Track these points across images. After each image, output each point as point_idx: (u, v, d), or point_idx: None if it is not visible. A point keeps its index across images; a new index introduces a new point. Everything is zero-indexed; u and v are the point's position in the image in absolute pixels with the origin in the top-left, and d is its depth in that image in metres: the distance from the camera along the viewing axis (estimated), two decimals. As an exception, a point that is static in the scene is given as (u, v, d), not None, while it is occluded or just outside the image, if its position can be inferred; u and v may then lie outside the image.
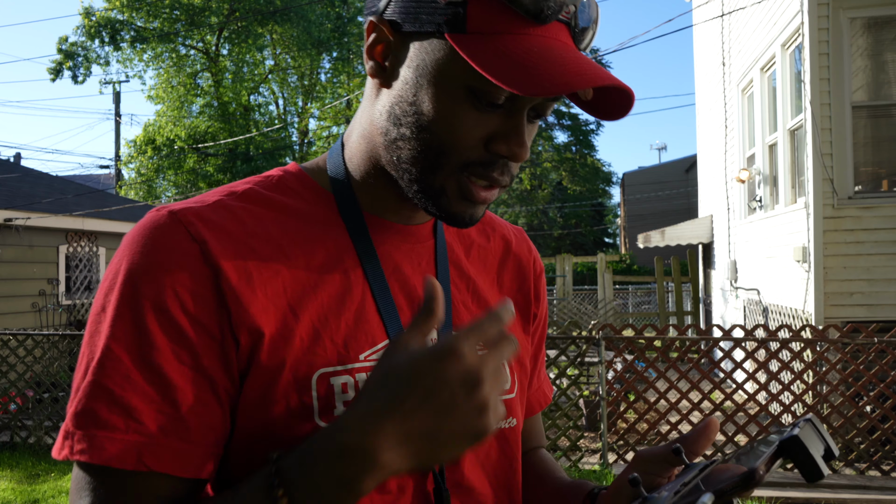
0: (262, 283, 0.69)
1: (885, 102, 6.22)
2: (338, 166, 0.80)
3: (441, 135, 0.69)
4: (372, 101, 0.76)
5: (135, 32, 23.82)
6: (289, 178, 0.79)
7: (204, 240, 0.68)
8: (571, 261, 16.02)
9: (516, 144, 0.70)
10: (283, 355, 0.69)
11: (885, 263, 5.87)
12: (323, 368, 0.70)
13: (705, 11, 10.76)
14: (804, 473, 0.58)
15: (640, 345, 5.92)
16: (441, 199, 0.73)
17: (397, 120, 0.72)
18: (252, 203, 0.74)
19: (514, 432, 0.87)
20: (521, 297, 0.93)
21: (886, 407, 5.37)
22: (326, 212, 0.77)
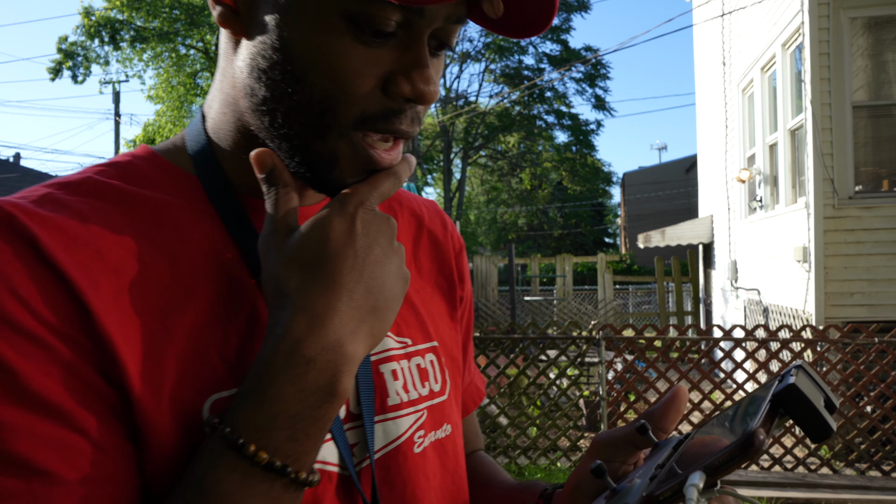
0: (113, 294, 0.53)
1: (886, 102, 6.21)
2: (200, 143, 0.65)
3: (322, 84, 0.55)
4: (230, 57, 0.61)
5: (134, 32, 23.81)
6: (139, 164, 0.63)
7: (34, 236, 0.52)
8: (571, 261, 16.02)
9: (421, 80, 0.56)
10: (160, 382, 0.53)
11: (886, 263, 5.86)
12: (217, 393, 0.56)
13: (705, 11, 10.75)
14: (808, 430, 0.47)
15: (641, 345, 5.92)
16: (333, 171, 0.59)
17: (262, 74, 0.57)
18: (92, 196, 0.58)
19: (453, 441, 0.74)
20: (443, 279, 0.80)
21: (887, 407, 5.37)
22: (192, 199, 0.62)
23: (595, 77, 29.62)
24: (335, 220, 0.56)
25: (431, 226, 0.82)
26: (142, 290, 0.55)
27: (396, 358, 0.70)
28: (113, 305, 0.53)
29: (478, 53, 28.42)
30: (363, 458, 0.64)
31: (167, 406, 0.53)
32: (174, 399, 0.54)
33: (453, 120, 27.68)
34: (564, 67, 27.57)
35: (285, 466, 0.51)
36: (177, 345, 0.55)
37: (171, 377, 0.54)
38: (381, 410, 0.66)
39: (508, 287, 12.08)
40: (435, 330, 0.76)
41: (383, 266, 0.57)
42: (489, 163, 34.15)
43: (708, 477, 0.46)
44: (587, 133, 31.06)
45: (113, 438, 0.52)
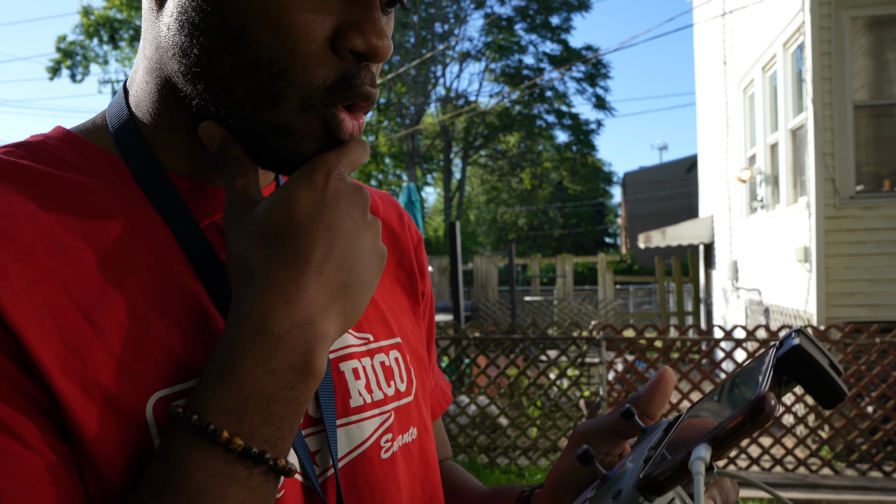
0: (26, 281, 0.47)
1: (887, 102, 6.19)
2: (122, 119, 0.57)
3: (267, 40, 0.50)
4: (154, 16, 0.54)
5: (133, 31, 23.80)
6: (53, 144, 0.56)
7: None
8: (572, 261, 16.01)
9: (374, 33, 0.52)
10: (87, 381, 0.47)
11: (887, 263, 5.85)
12: (161, 390, 0.50)
13: (706, 10, 10.74)
14: (819, 395, 0.42)
15: (641, 345, 5.90)
16: (285, 141, 0.53)
17: (195, 29, 0.51)
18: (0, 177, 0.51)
19: (420, 444, 0.69)
20: (402, 272, 0.75)
21: (888, 408, 5.35)
22: (116, 182, 0.55)
23: (595, 76, 29.62)
24: (302, 191, 0.51)
25: (387, 217, 0.77)
26: (61, 277, 0.49)
27: (357, 355, 0.64)
28: (25, 295, 0.46)
29: (478, 53, 28.42)
30: (326, 466, 0.59)
31: (102, 406, 0.47)
32: (110, 398, 0.48)
33: (453, 120, 27.68)
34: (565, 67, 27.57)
35: (263, 452, 0.46)
36: (106, 339, 0.49)
37: (104, 375, 0.48)
38: (342, 413, 0.61)
39: (508, 287, 12.07)
40: (398, 325, 0.71)
41: (355, 240, 0.53)
42: (489, 163, 34.14)
43: (714, 450, 0.41)
44: (587, 133, 31.07)
45: (45, 439, 0.46)
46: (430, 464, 0.70)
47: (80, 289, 0.49)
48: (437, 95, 28.83)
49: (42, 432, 0.46)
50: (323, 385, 0.60)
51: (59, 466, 0.46)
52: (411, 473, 0.67)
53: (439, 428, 0.84)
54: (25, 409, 0.46)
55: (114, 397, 0.48)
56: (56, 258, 0.49)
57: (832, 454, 5.43)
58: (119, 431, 0.48)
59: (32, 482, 0.45)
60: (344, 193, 0.53)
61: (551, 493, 0.61)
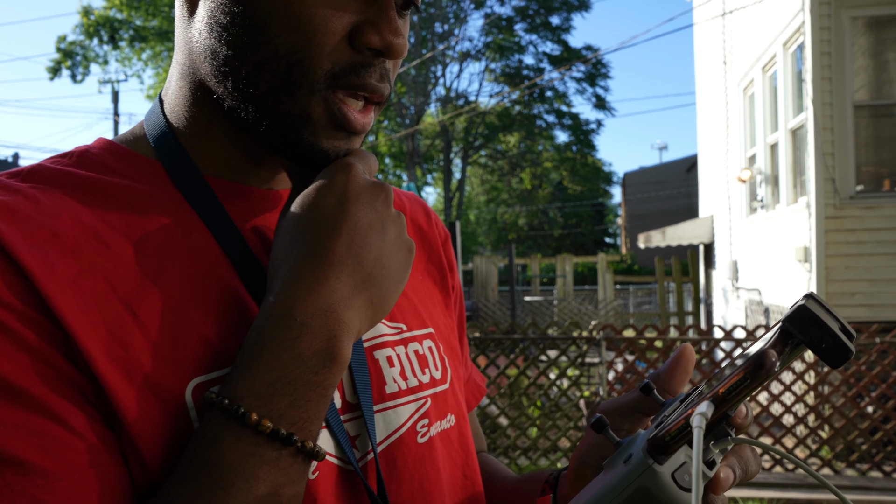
0: (72, 276, 0.50)
1: (887, 102, 6.20)
2: (158, 126, 0.61)
3: (287, 35, 0.53)
4: (186, 23, 0.59)
5: (133, 31, 23.81)
6: (95, 152, 0.60)
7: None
8: (572, 261, 16.01)
9: (389, 31, 0.55)
10: (130, 368, 0.50)
11: (887, 263, 5.85)
12: (199, 377, 0.52)
13: (706, 10, 10.74)
14: (825, 353, 0.41)
15: (641, 345, 5.90)
16: (304, 132, 0.56)
17: (223, 31, 0.54)
18: (46, 183, 0.55)
19: (459, 432, 0.71)
20: (433, 266, 0.78)
21: (888, 408, 5.35)
22: (155, 185, 0.59)
23: (595, 76, 29.61)
24: (323, 187, 0.55)
25: (414, 215, 0.79)
26: (105, 272, 0.52)
27: (391, 344, 0.67)
28: (71, 289, 0.50)
29: (478, 53, 28.41)
30: (366, 450, 0.61)
31: (143, 392, 0.50)
32: (151, 384, 0.50)
33: (453, 120, 27.68)
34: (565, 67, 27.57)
35: (291, 434, 0.48)
36: (147, 329, 0.52)
37: (145, 362, 0.51)
38: (378, 399, 0.63)
39: (508, 287, 12.07)
40: (430, 316, 0.73)
41: (379, 233, 0.55)
42: (489, 163, 34.14)
43: (717, 407, 0.42)
44: (587, 133, 31.06)
45: (90, 424, 0.48)
46: (469, 450, 0.72)
47: (122, 282, 0.52)
48: (437, 95, 28.83)
49: (87, 419, 0.48)
50: (359, 372, 0.62)
51: (103, 451, 0.49)
52: (451, 459, 0.69)
53: (474, 420, 0.86)
54: (71, 396, 0.48)
55: (155, 383, 0.51)
56: (99, 254, 0.53)
57: (832, 454, 5.43)
58: (160, 415, 0.50)
59: (77, 465, 0.47)
60: (364, 189, 0.56)
61: (576, 472, 0.63)
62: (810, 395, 5.69)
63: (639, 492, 0.43)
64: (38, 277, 0.49)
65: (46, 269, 0.50)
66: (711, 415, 0.42)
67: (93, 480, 0.47)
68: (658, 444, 0.44)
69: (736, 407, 0.43)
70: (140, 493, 0.50)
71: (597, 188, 34.89)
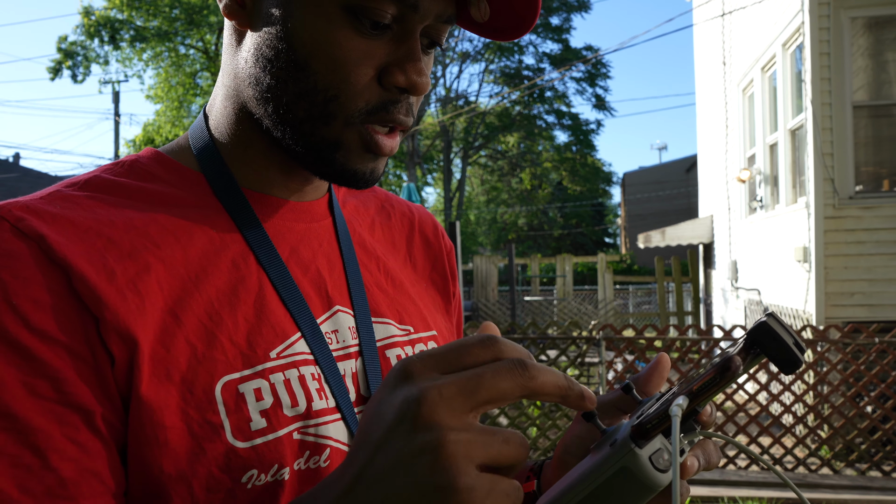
0: (130, 279, 0.56)
1: (886, 102, 6.20)
2: (203, 140, 0.67)
3: (325, 73, 0.59)
4: (234, 50, 0.65)
5: (134, 32, 23.81)
6: (145, 162, 0.65)
7: (41, 234, 0.54)
8: (572, 261, 16.01)
9: (414, 72, 0.60)
10: (169, 367, 0.55)
11: (886, 263, 5.86)
12: (227, 375, 0.57)
13: (706, 11, 10.75)
14: (779, 362, 0.51)
15: (641, 345, 5.91)
16: (336, 154, 0.62)
17: (268, 63, 0.61)
18: (101, 192, 0.61)
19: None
20: (437, 275, 0.83)
21: (887, 407, 5.36)
22: (198, 194, 0.65)
23: (595, 76, 29.62)
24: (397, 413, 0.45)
25: (422, 227, 0.85)
26: (156, 273, 0.58)
27: (401, 344, 0.72)
28: (131, 291, 0.56)
29: (478, 53, 28.41)
30: None
31: (177, 387, 0.55)
32: (185, 380, 0.56)
33: (453, 120, 27.68)
34: (565, 67, 27.57)
35: None
36: (187, 330, 0.57)
37: (182, 361, 0.56)
38: None
39: (508, 287, 12.08)
40: (433, 320, 0.78)
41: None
42: (489, 163, 34.14)
43: (690, 401, 0.51)
44: (587, 133, 31.06)
45: (78, 457, 0.52)
46: None
47: (168, 285, 0.58)
48: (437, 96, 28.83)
49: (78, 450, 0.52)
50: (372, 368, 0.68)
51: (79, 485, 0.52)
52: None
53: None
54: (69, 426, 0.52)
55: (188, 380, 0.56)
56: (152, 254, 0.58)
57: (831, 454, 5.44)
58: (192, 410, 0.56)
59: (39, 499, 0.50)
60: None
61: (560, 459, 0.66)
62: (809, 395, 5.70)
63: (621, 471, 0.51)
64: (96, 285, 0.54)
65: (107, 276, 0.55)
66: (686, 406, 0.51)
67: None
68: (640, 430, 0.51)
69: (705, 403, 0.52)
70: (163, 479, 0.54)
71: (596, 188, 34.88)
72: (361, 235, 0.76)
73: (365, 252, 0.75)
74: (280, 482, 0.58)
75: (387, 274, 0.75)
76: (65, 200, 0.58)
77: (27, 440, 0.50)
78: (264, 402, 0.58)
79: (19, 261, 0.53)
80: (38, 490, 0.50)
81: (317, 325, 0.64)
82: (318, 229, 0.71)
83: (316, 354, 0.63)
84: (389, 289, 0.74)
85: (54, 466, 0.50)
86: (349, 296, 0.69)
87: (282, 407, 0.59)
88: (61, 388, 0.52)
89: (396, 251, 0.80)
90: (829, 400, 5.50)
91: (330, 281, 0.68)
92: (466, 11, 0.63)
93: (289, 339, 0.62)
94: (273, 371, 0.60)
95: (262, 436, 0.57)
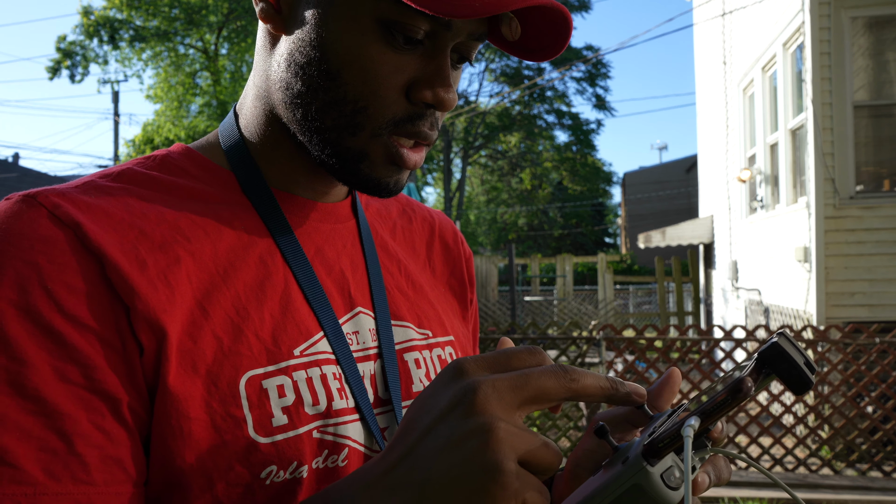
0: (161, 270, 0.57)
1: (887, 102, 6.20)
2: (233, 138, 0.69)
3: (355, 84, 0.60)
4: (267, 52, 0.65)
5: (133, 31, 23.81)
6: (176, 157, 0.67)
7: (77, 222, 0.55)
8: (572, 261, 16.01)
9: (442, 88, 0.61)
10: (196, 359, 0.56)
11: (887, 263, 5.85)
12: (251, 370, 0.58)
13: (706, 11, 10.74)
14: (791, 384, 0.52)
15: (641, 345, 5.90)
16: (361, 165, 0.63)
17: (300, 69, 0.61)
18: (133, 184, 0.62)
19: None
20: (455, 281, 0.85)
21: (888, 407, 5.35)
22: (227, 191, 0.66)
23: (596, 76, 29.62)
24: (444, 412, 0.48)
25: (443, 233, 0.86)
26: (186, 266, 0.59)
27: (419, 348, 0.73)
28: (161, 282, 0.57)
29: (478, 53, 28.42)
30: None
31: (202, 380, 0.56)
32: (210, 373, 0.57)
33: (453, 120, 27.67)
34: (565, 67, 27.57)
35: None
36: (214, 323, 0.58)
37: (209, 353, 0.57)
38: (406, 396, 0.69)
39: (508, 287, 12.08)
40: (451, 326, 0.80)
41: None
42: (489, 163, 34.14)
43: (702, 421, 0.51)
44: (587, 133, 31.07)
45: (102, 443, 0.53)
46: None
47: (197, 278, 0.59)
48: (436, 95, 28.81)
49: (103, 437, 0.53)
50: (391, 371, 0.69)
51: (101, 470, 0.52)
52: None
53: None
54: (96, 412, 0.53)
55: (214, 373, 0.57)
56: (182, 247, 0.60)
57: (832, 454, 5.43)
58: (216, 403, 0.56)
59: (64, 483, 0.51)
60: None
61: (572, 472, 0.66)
62: (810, 395, 5.70)
63: (633, 488, 0.52)
64: (129, 275, 0.55)
65: (139, 266, 0.56)
66: (699, 426, 0.51)
67: (78, 500, 0.51)
68: (652, 448, 0.52)
69: (716, 423, 0.53)
70: (185, 470, 0.55)
71: (596, 188, 34.88)
72: (384, 238, 0.77)
73: (387, 255, 0.76)
74: (298, 480, 0.59)
75: (407, 277, 0.77)
76: (99, 190, 0.60)
77: (54, 424, 0.51)
78: (286, 398, 0.59)
79: (55, 247, 0.54)
80: (62, 475, 0.50)
81: (339, 325, 0.66)
82: (343, 230, 0.72)
83: (337, 354, 0.64)
84: (410, 292, 0.76)
85: (79, 452, 0.51)
86: (371, 298, 0.71)
87: (303, 405, 0.60)
88: (90, 375, 0.52)
89: (416, 255, 0.81)
90: (829, 400, 5.50)
91: (353, 282, 0.70)
92: (498, 29, 0.63)
93: (312, 338, 0.63)
94: (296, 368, 0.61)
95: (283, 432, 0.58)
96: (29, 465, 0.49)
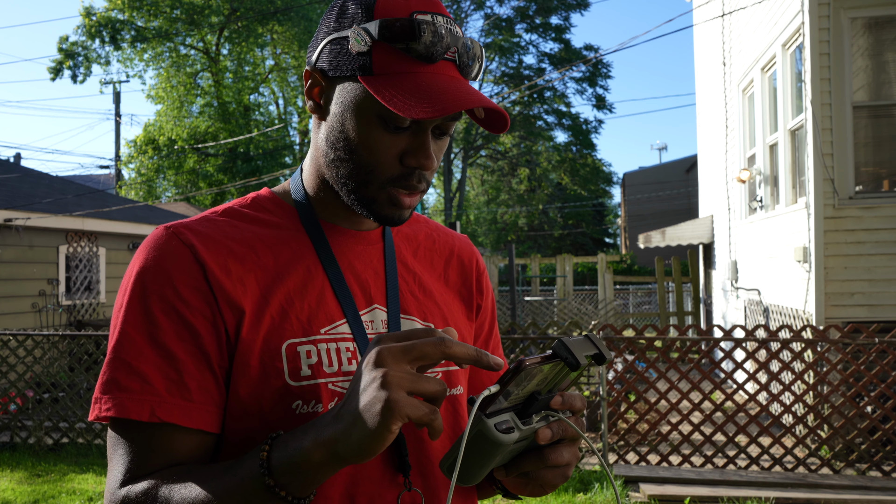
0: (239, 275, 0.90)
1: (886, 102, 6.21)
2: (298, 186, 1.00)
3: (365, 155, 0.89)
4: (316, 132, 0.96)
5: (135, 32, 23.82)
6: (261, 199, 1.00)
7: (192, 244, 0.89)
8: (572, 261, 16.01)
9: (423, 157, 0.89)
10: (258, 330, 0.88)
11: (886, 264, 5.86)
12: (290, 339, 0.89)
13: (706, 11, 10.75)
14: (567, 364, 0.74)
15: (641, 345, 5.92)
16: (373, 206, 0.92)
17: (333, 145, 0.91)
18: (230, 217, 0.96)
19: (464, 400, 1.03)
20: (464, 289, 1.11)
21: (887, 407, 5.37)
22: (291, 222, 0.97)
23: (595, 76, 29.62)
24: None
25: (461, 253, 1.13)
26: (254, 272, 0.91)
27: None
28: (240, 282, 0.89)
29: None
30: None
31: (261, 342, 0.87)
32: (265, 339, 0.88)
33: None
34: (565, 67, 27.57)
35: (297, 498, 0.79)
36: (271, 308, 0.89)
37: (266, 326, 0.88)
38: None
39: (509, 287, 12.08)
40: (452, 321, 1.04)
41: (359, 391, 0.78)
42: (489, 163, 34.14)
43: (499, 387, 0.73)
44: (587, 133, 31.05)
45: (201, 379, 0.86)
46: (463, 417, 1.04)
47: (262, 280, 0.91)
48: (437, 96, 28.74)
49: (201, 377, 0.86)
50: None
51: (200, 393, 0.86)
52: (455, 417, 1.00)
53: None
54: (201, 361, 0.86)
55: (267, 340, 0.88)
56: (253, 261, 0.91)
57: (831, 454, 5.44)
58: (267, 359, 0.87)
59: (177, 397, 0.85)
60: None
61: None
62: (809, 395, 5.71)
63: (478, 434, 0.74)
64: (220, 280, 0.88)
65: (226, 272, 0.89)
66: (495, 391, 0.73)
67: (183, 409, 0.84)
68: (483, 404, 0.74)
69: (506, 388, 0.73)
70: (244, 398, 0.87)
71: (596, 188, 34.85)
72: (405, 256, 1.04)
73: (405, 268, 1.03)
74: (315, 413, 0.87)
75: (420, 285, 1.03)
76: (208, 222, 0.93)
77: (173, 364, 0.85)
78: (312, 360, 0.89)
79: (180, 259, 0.88)
80: (175, 393, 0.84)
81: (359, 314, 0.94)
82: (371, 250, 1.00)
83: (355, 335, 0.92)
84: (420, 296, 1.02)
85: (185, 381, 0.85)
86: (385, 298, 0.97)
87: (322, 365, 0.89)
88: (196, 337, 0.86)
89: (433, 269, 1.08)
90: (829, 400, 5.51)
91: (373, 286, 0.97)
92: (470, 110, 0.88)
93: (335, 323, 0.92)
94: (321, 341, 0.90)
95: (308, 380, 0.88)
96: (158, 385, 0.84)
